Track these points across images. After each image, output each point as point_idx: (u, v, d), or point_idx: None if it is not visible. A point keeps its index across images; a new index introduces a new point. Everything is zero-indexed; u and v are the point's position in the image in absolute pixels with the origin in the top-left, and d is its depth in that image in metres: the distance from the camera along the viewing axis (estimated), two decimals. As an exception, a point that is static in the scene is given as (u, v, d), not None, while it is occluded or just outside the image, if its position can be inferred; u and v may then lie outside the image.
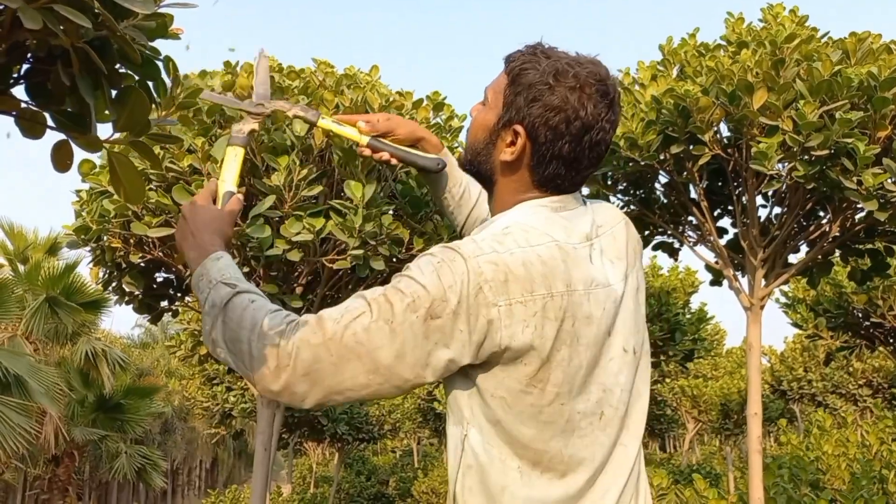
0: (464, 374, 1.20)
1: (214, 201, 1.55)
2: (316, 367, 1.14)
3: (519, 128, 1.26)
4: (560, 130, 1.22)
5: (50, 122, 1.94)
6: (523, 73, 1.25)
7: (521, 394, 1.15)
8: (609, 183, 4.98)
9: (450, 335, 1.13)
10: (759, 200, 4.91)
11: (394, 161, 1.68)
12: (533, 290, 1.14)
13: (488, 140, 1.32)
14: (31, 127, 2.01)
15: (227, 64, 4.34)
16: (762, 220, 4.97)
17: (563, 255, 1.20)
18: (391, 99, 4.58)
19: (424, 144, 1.71)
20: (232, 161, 1.64)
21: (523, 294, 1.14)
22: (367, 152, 1.70)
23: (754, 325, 4.85)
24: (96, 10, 1.70)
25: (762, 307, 4.88)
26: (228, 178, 1.60)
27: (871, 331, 8.45)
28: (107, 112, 1.95)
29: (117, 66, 1.95)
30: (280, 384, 1.16)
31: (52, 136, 2.00)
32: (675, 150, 4.38)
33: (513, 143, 1.27)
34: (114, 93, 1.96)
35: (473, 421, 1.19)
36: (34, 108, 1.94)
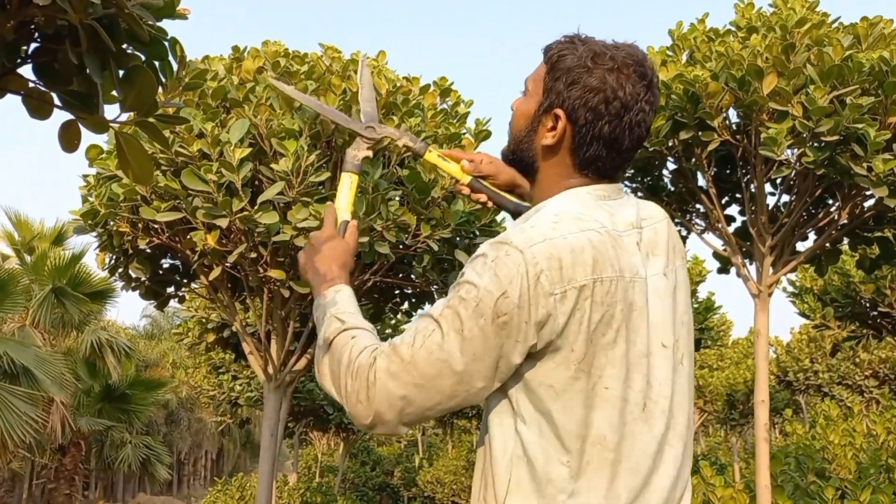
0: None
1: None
2: (402, 394, 1.18)
3: (559, 111, 1.27)
4: (599, 111, 1.24)
5: (57, 102, 1.94)
6: (561, 59, 1.28)
7: (570, 380, 1.16)
8: (616, 170, 4.96)
9: (517, 329, 1.14)
10: (768, 188, 4.89)
11: (490, 204, 1.70)
12: (584, 274, 1.16)
13: (529, 128, 1.34)
14: (38, 107, 2.00)
15: (235, 48, 4.33)
16: (770, 207, 4.94)
17: (612, 242, 1.21)
18: (398, 84, 4.56)
19: (521, 191, 1.72)
20: (346, 188, 1.64)
21: (575, 279, 1.15)
22: (467, 191, 1.71)
23: (762, 312, 4.83)
24: (104, -13, 1.69)
25: (770, 294, 4.86)
26: (343, 205, 1.62)
27: (879, 321, 8.42)
28: (114, 93, 1.94)
29: (125, 45, 1.95)
30: (370, 418, 1.20)
31: (59, 119, 2.00)
32: (683, 135, 4.35)
33: (553, 128, 1.29)
34: (121, 73, 1.95)
35: (523, 413, 1.19)
36: (42, 88, 1.94)
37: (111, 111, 1.90)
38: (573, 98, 1.25)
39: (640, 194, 5.01)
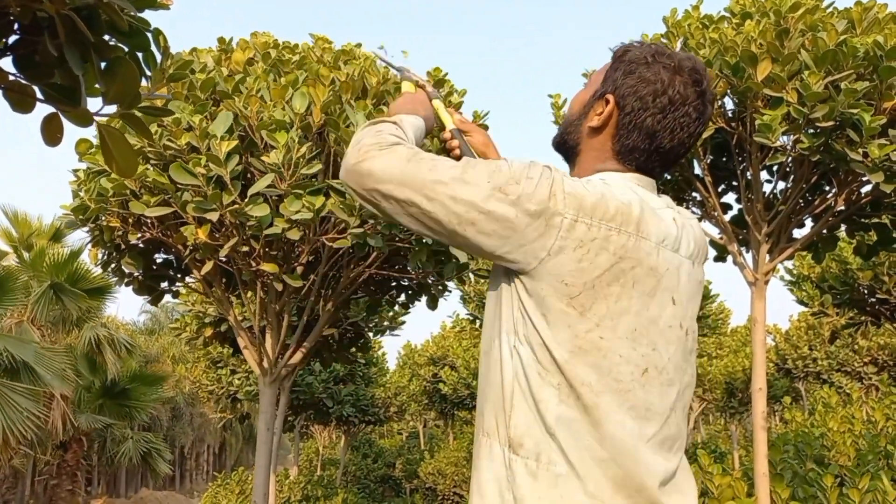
0: (513, 289, 1.25)
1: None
2: (401, 170, 1.23)
3: (609, 97, 1.33)
4: (646, 102, 1.29)
5: (40, 96, 1.91)
6: (626, 53, 1.36)
7: (561, 313, 1.18)
8: (611, 159, 4.93)
9: (515, 202, 1.18)
10: (764, 175, 4.86)
11: (457, 152, 1.79)
12: (602, 217, 1.19)
13: (581, 112, 1.40)
14: (20, 100, 1.97)
15: (221, 40, 4.29)
16: (767, 194, 4.91)
17: (643, 206, 1.25)
18: (389, 75, 4.53)
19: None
20: (444, 111, 1.78)
21: (591, 217, 1.19)
22: (447, 136, 1.80)
23: (759, 300, 4.82)
24: (81, -24, 1.67)
25: (766, 282, 4.84)
26: (448, 119, 1.78)
27: (877, 307, 8.41)
28: (97, 86, 1.92)
29: (106, 36, 1.92)
30: (358, 163, 1.25)
31: (43, 112, 1.97)
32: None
33: (601, 112, 1.35)
34: (103, 65, 1.93)
35: (521, 334, 1.23)
36: (23, 81, 1.91)
37: (95, 104, 1.88)
38: (626, 86, 1.31)
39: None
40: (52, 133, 1.93)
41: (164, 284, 4.98)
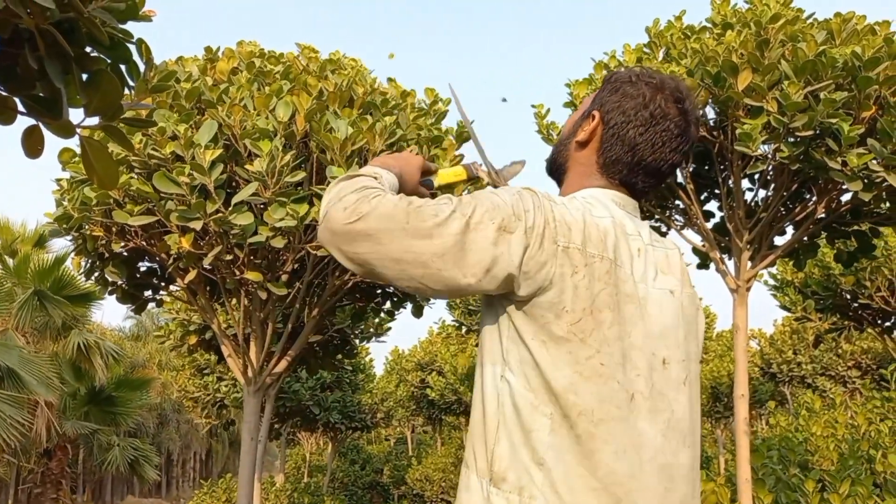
0: (507, 317, 1.24)
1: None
2: (384, 226, 1.17)
3: (595, 112, 1.39)
4: (629, 115, 1.35)
5: (22, 108, 1.91)
6: (615, 76, 1.43)
7: (562, 340, 1.18)
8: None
9: (517, 243, 1.18)
10: (746, 184, 4.91)
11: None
12: (587, 244, 1.21)
13: (570, 132, 1.45)
14: (1, 112, 1.97)
15: (208, 49, 4.30)
16: (748, 202, 4.96)
17: (618, 232, 1.27)
18: (376, 85, 4.55)
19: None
20: (452, 172, 1.63)
21: (582, 244, 1.21)
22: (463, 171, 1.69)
23: (741, 307, 4.86)
24: (61, -9, 1.67)
25: (748, 289, 4.88)
26: (440, 172, 1.62)
27: (860, 312, 8.49)
28: (79, 97, 1.92)
29: (87, 49, 1.92)
30: (339, 219, 1.19)
31: (25, 122, 1.97)
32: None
33: (587, 128, 1.40)
34: (85, 77, 1.93)
35: (512, 363, 1.22)
36: (4, 94, 1.91)
37: (77, 115, 1.89)
38: (610, 102, 1.38)
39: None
40: (32, 145, 1.93)
41: (148, 293, 4.97)
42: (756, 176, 4.87)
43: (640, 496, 1.18)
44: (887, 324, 8.73)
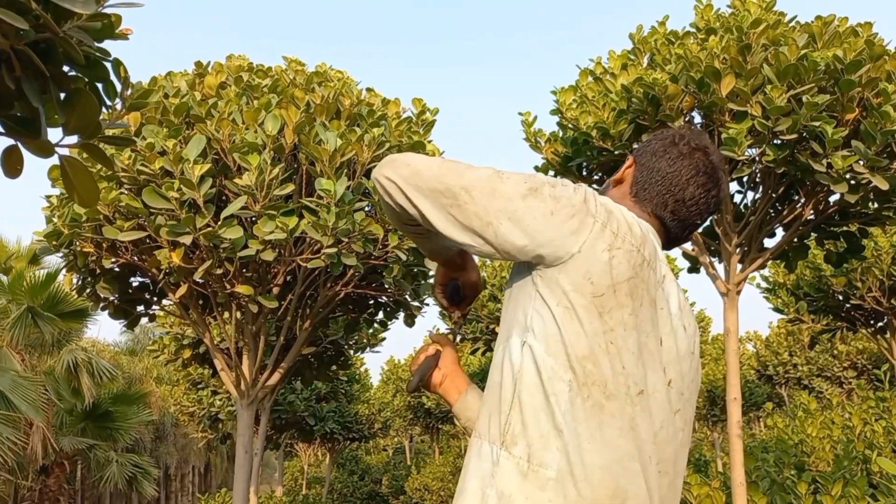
0: (535, 284, 1.28)
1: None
2: (439, 161, 1.31)
3: (630, 157, 1.51)
4: (659, 152, 1.46)
5: (0, 128, 1.92)
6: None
7: (583, 308, 1.22)
8: (584, 174, 4.99)
9: (551, 200, 1.25)
10: (734, 187, 4.93)
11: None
12: (627, 233, 1.27)
13: (611, 183, 1.53)
14: (-21, 133, 1.98)
15: (198, 64, 4.31)
16: (737, 205, 4.98)
17: (651, 247, 1.32)
18: (362, 97, 4.57)
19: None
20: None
21: (618, 228, 1.26)
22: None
23: (731, 310, 4.87)
24: (36, 13, 1.68)
25: (738, 292, 4.89)
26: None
27: (852, 313, 8.51)
28: (57, 116, 1.93)
29: (65, 68, 1.93)
30: (400, 166, 1.30)
31: (4, 142, 1.98)
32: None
33: (623, 169, 1.51)
34: (63, 96, 1.94)
35: (536, 328, 1.25)
36: (-18, 115, 1.92)
37: (56, 134, 1.89)
38: (643, 147, 1.50)
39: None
40: (12, 165, 1.93)
41: (140, 308, 4.96)
42: (744, 179, 4.89)
43: (640, 480, 1.22)
44: (880, 324, 8.76)
